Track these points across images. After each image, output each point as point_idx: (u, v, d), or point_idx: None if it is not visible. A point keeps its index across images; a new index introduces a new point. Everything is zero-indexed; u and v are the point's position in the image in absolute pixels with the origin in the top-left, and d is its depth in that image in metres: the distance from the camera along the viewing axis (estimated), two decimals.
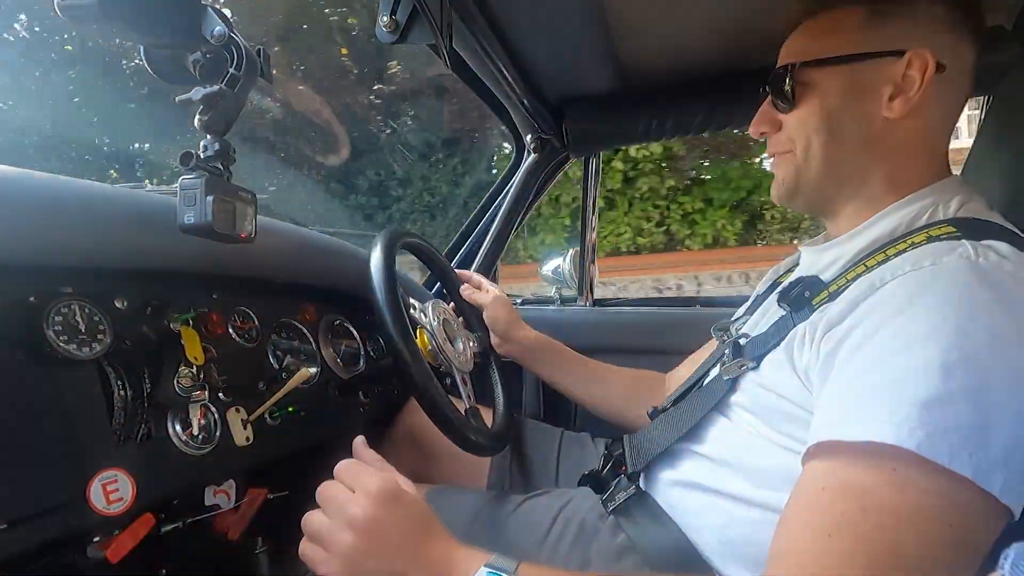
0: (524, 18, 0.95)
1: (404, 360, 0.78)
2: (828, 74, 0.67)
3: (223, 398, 0.76)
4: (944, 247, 0.53)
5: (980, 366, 0.46)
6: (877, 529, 0.45)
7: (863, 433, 0.47)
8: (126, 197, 0.70)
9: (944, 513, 0.44)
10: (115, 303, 0.66)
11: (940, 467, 0.44)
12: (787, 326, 0.64)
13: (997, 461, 0.44)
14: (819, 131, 0.68)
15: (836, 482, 0.48)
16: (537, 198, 1.59)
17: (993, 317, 0.47)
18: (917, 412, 0.45)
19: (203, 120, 0.59)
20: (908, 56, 0.62)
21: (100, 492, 0.58)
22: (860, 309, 0.54)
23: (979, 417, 0.45)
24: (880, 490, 0.46)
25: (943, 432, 0.44)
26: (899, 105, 0.63)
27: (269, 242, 0.90)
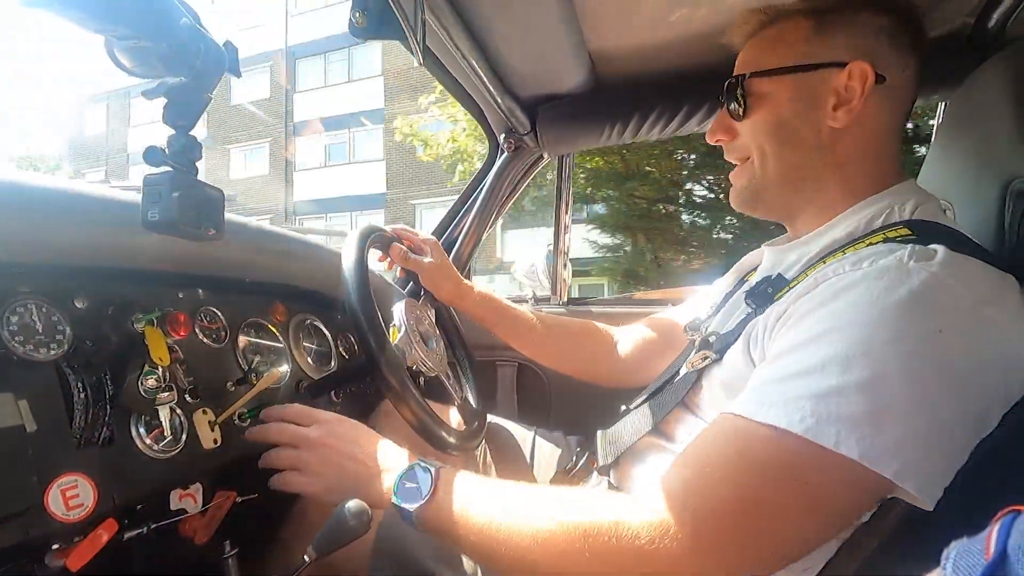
0: (497, 17, 0.95)
1: (377, 360, 0.77)
2: (777, 84, 0.70)
3: (190, 400, 0.74)
4: (886, 249, 0.56)
5: (878, 360, 0.49)
6: (744, 473, 0.51)
7: (763, 416, 0.51)
8: (87, 193, 0.68)
9: (812, 478, 0.49)
10: (75, 303, 0.64)
11: (826, 449, 0.48)
12: (749, 321, 0.66)
13: (889, 448, 0.47)
14: (771, 139, 0.71)
15: (730, 431, 0.55)
16: (512, 197, 1.59)
17: (901, 315, 0.50)
18: (812, 402, 0.49)
19: (167, 114, 0.57)
20: (849, 67, 0.65)
21: (59, 498, 0.56)
22: (799, 301, 0.58)
23: (870, 407, 0.48)
24: (762, 446, 0.51)
25: (833, 420, 0.48)
26: (842, 115, 0.66)
27: (237, 240, 0.88)
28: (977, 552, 0.23)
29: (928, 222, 0.61)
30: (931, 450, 0.48)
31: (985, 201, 0.70)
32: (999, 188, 0.67)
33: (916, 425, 0.48)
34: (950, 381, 0.48)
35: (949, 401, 0.48)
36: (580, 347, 1.12)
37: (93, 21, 0.49)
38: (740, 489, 0.51)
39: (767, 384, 0.54)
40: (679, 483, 0.54)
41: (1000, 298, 0.52)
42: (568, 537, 0.55)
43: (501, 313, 1.11)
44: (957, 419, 0.48)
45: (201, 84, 0.57)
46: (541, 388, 1.57)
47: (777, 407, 0.51)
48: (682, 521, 0.51)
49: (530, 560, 0.56)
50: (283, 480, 0.72)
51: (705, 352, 0.70)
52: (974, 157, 0.75)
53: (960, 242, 0.57)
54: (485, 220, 1.53)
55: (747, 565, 0.51)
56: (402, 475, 0.66)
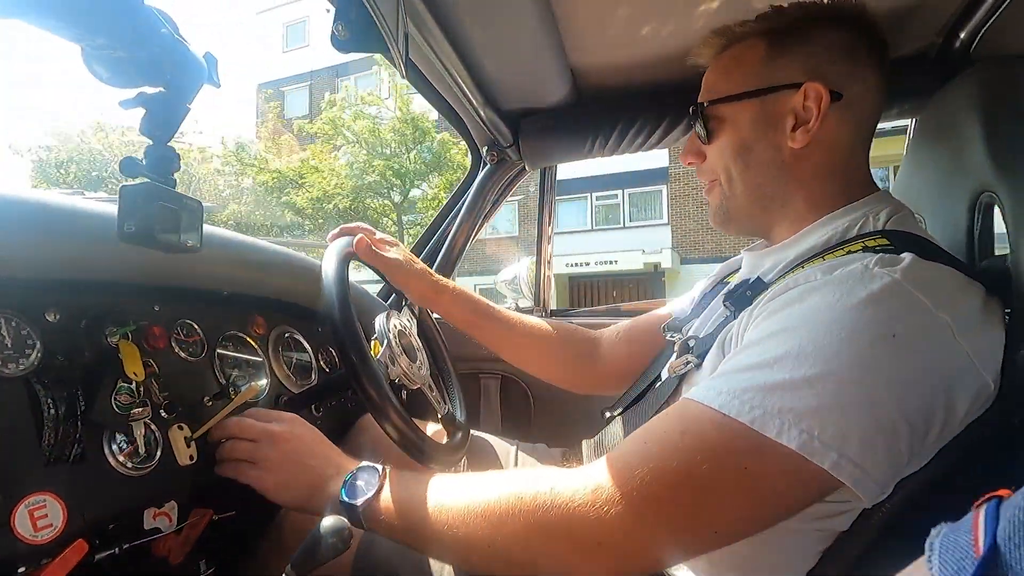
0: (480, 30, 0.95)
1: (357, 373, 0.76)
2: (736, 108, 0.72)
3: (165, 415, 0.72)
4: (858, 257, 0.57)
5: (829, 359, 0.50)
6: (685, 450, 0.52)
7: (713, 402, 0.53)
8: (60, 204, 0.66)
9: (751, 465, 0.50)
10: (46, 316, 0.63)
11: (765, 437, 0.49)
12: (727, 324, 0.66)
13: (831, 443, 0.48)
14: (734, 162, 0.73)
15: (680, 413, 0.56)
16: (495, 209, 1.60)
17: (856, 318, 0.51)
18: (761, 394, 0.51)
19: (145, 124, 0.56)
20: (804, 88, 0.67)
21: (26, 518, 0.55)
22: (771, 303, 0.59)
23: (815, 402, 0.49)
24: (707, 429, 0.53)
25: (777, 412, 0.50)
26: (800, 135, 0.68)
27: (215, 252, 0.87)
28: (964, 545, 0.23)
29: (903, 232, 0.62)
30: (871, 448, 0.49)
31: (955, 213, 0.72)
32: (968, 201, 0.69)
33: (858, 423, 0.49)
34: (897, 384, 0.50)
35: (893, 403, 0.49)
36: (560, 351, 1.09)
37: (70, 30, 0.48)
38: (679, 465, 0.52)
39: (723, 375, 0.56)
40: (617, 454, 0.56)
41: (959, 303, 0.53)
42: (506, 506, 0.57)
43: (479, 313, 1.05)
44: (900, 421, 0.49)
45: (180, 95, 0.56)
46: (524, 400, 1.56)
47: (727, 395, 0.53)
48: (617, 488, 0.52)
49: (473, 536, 0.58)
50: (237, 470, 0.73)
51: (687, 357, 0.70)
52: (944, 171, 0.77)
53: (931, 251, 0.58)
54: (467, 232, 1.53)
55: (677, 540, 0.53)
56: (350, 476, 0.68)
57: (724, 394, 0.53)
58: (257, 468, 0.72)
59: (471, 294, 1.06)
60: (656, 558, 0.55)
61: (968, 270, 0.58)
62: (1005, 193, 0.61)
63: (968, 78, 0.73)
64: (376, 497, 0.65)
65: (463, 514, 0.59)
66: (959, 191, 0.71)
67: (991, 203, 0.66)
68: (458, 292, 1.03)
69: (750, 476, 0.51)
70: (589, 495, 0.53)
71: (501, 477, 0.62)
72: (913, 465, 0.52)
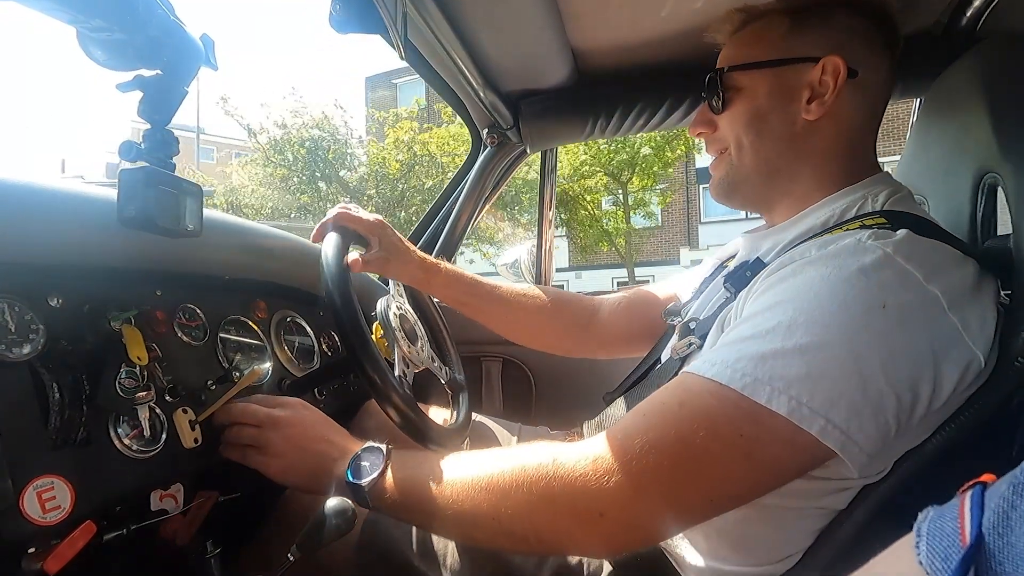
0: (479, 11, 0.94)
1: (359, 357, 0.77)
2: (754, 78, 0.72)
3: (169, 399, 0.73)
4: (852, 233, 0.58)
5: (820, 329, 0.52)
6: (683, 420, 0.54)
7: (708, 372, 0.54)
8: (61, 189, 0.66)
9: (745, 431, 0.52)
10: (49, 301, 0.63)
11: (758, 404, 0.51)
12: (728, 305, 0.67)
13: (819, 409, 0.50)
14: (748, 131, 0.73)
15: (678, 385, 0.58)
16: (496, 191, 1.59)
17: (848, 288, 0.53)
18: (753, 363, 0.52)
19: (143, 108, 0.56)
20: (822, 62, 0.68)
21: (35, 500, 0.55)
22: (767, 279, 0.60)
23: (805, 370, 0.51)
24: (703, 399, 0.54)
25: (768, 379, 0.51)
26: (816, 107, 0.69)
27: (216, 237, 0.87)
28: (951, 532, 0.23)
29: (901, 212, 0.62)
30: (857, 415, 0.50)
31: (958, 195, 0.72)
32: (972, 182, 0.69)
33: (845, 391, 0.50)
34: (885, 355, 0.51)
35: (880, 373, 0.50)
36: (557, 321, 1.09)
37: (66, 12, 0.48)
38: (677, 433, 0.53)
39: (719, 347, 0.58)
40: (619, 426, 0.57)
41: (950, 277, 0.54)
42: (509, 479, 0.58)
43: (471, 292, 1.03)
44: (888, 391, 0.50)
45: (177, 77, 0.56)
46: (526, 383, 1.57)
47: (721, 365, 0.54)
48: (617, 459, 0.54)
49: (477, 510, 0.59)
50: (242, 455, 0.73)
51: (690, 339, 0.70)
52: (948, 152, 0.77)
53: (927, 229, 0.59)
54: (469, 215, 1.52)
55: (676, 508, 0.54)
56: (355, 457, 0.68)
57: (718, 364, 0.54)
58: (262, 453, 0.73)
59: (464, 273, 1.04)
60: (655, 528, 0.56)
61: (963, 247, 0.59)
62: (1009, 174, 0.61)
63: (974, 57, 0.72)
64: (381, 477, 0.65)
65: (467, 489, 0.60)
66: (963, 172, 0.71)
67: (995, 184, 0.66)
68: (450, 272, 1.01)
69: (745, 441, 0.52)
70: (590, 466, 0.54)
71: (504, 452, 0.63)
72: (905, 440, 0.54)
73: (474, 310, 1.05)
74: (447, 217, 1.55)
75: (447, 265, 1.01)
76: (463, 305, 1.04)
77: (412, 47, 1.10)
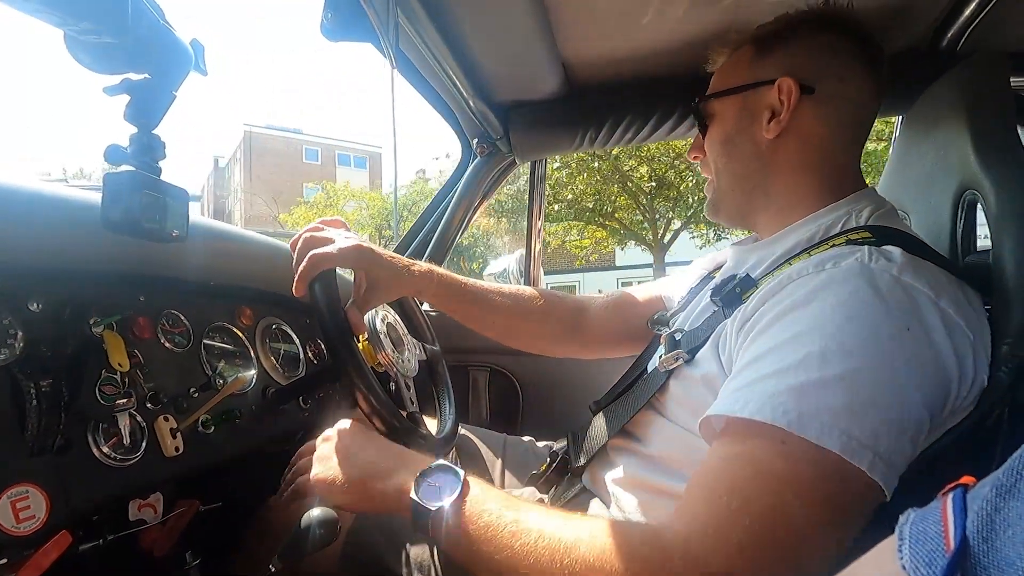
0: (470, 21, 0.95)
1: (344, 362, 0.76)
2: (724, 104, 0.77)
3: (150, 406, 0.72)
4: (847, 251, 0.59)
5: (854, 356, 0.51)
6: (763, 492, 0.50)
7: (749, 412, 0.52)
8: (43, 192, 0.65)
9: (816, 480, 0.49)
10: (28, 306, 0.62)
11: (810, 442, 0.49)
12: (718, 321, 0.68)
13: (865, 441, 0.48)
14: (720, 154, 0.78)
15: (733, 452, 0.54)
16: (484, 201, 1.59)
17: (872, 315, 0.53)
18: (794, 396, 0.50)
19: (130, 112, 0.56)
20: (777, 83, 0.71)
21: (8, 510, 0.54)
22: (767, 304, 0.60)
23: (848, 400, 0.49)
24: (767, 459, 0.51)
25: (814, 413, 0.49)
26: (773, 126, 0.72)
27: (202, 242, 0.86)
28: (934, 536, 0.23)
29: (885, 227, 0.64)
30: (900, 442, 0.50)
31: (939, 211, 0.73)
32: (952, 199, 0.70)
33: (889, 418, 0.49)
34: (919, 375, 0.51)
35: (918, 394, 0.50)
36: (544, 323, 1.07)
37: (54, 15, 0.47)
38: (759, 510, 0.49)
39: (748, 385, 0.54)
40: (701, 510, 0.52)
41: (951, 295, 0.55)
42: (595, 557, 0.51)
43: (456, 295, 0.99)
44: (923, 412, 0.51)
45: (166, 81, 0.56)
46: (513, 393, 1.57)
47: (758, 402, 0.52)
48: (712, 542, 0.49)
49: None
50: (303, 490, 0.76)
51: (677, 352, 0.70)
52: (929, 169, 0.78)
53: (912, 245, 0.60)
54: (457, 225, 1.52)
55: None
56: (424, 472, 0.60)
57: (754, 402, 0.52)
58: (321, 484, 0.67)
59: (449, 276, 0.99)
60: None
61: (946, 263, 0.60)
62: (988, 191, 0.62)
63: (955, 75, 0.74)
64: (456, 504, 0.57)
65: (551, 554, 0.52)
66: (944, 188, 0.72)
67: (974, 200, 0.67)
68: (433, 275, 0.96)
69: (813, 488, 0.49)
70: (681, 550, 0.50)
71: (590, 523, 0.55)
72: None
73: (464, 314, 1.03)
74: (436, 226, 1.55)
75: (439, 271, 0.99)
76: (455, 311, 1.02)
77: (403, 56, 1.11)
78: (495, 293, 1.05)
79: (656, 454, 0.71)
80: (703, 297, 0.77)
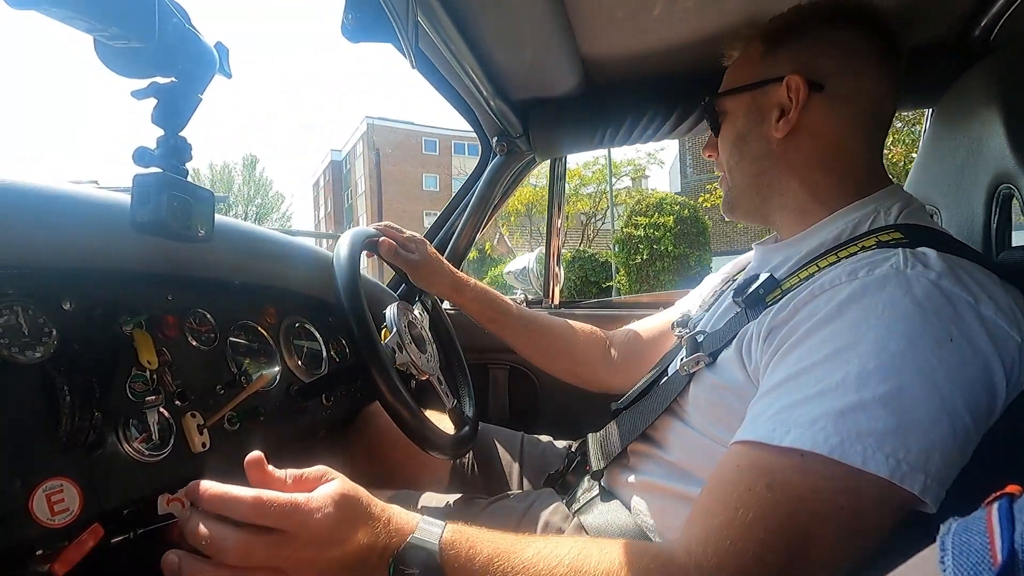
0: (489, 20, 0.95)
1: (366, 359, 0.77)
2: (735, 102, 0.76)
3: (178, 403, 0.73)
4: (880, 256, 0.56)
5: (896, 373, 0.48)
6: (778, 506, 0.48)
7: (786, 440, 0.49)
8: (75, 194, 0.67)
9: (844, 502, 0.47)
10: (62, 305, 0.63)
11: (854, 468, 0.46)
12: (740, 323, 0.66)
13: (917, 463, 0.46)
14: (732, 153, 0.77)
15: (751, 463, 0.52)
16: (504, 199, 1.60)
17: (911, 326, 0.50)
18: (833, 420, 0.48)
19: (157, 114, 0.57)
20: (785, 81, 0.69)
21: (44, 502, 0.56)
22: (799, 315, 0.57)
23: (894, 421, 0.47)
24: (788, 474, 0.49)
25: (856, 437, 0.47)
26: (782, 125, 0.70)
27: (228, 242, 0.87)
28: (979, 547, 0.22)
29: (916, 226, 0.61)
30: (951, 459, 0.47)
31: (972, 206, 0.71)
32: (986, 193, 0.68)
33: (939, 435, 0.47)
34: (965, 387, 0.48)
35: (965, 407, 0.48)
36: (575, 351, 1.11)
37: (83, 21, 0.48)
38: (776, 527, 0.48)
39: (784, 409, 0.52)
40: (710, 533, 0.51)
41: (991, 296, 0.52)
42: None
43: (497, 309, 1.10)
44: (971, 423, 0.48)
45: (192, 85, 0.57)
46: (532, 391, 1.57)
47: (799, 429, 0.49)
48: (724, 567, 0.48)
49: None
50: None
51: (698, 356, 0.69)
52: (961, 163, 0.76)
53: (948, 245, 0.57)
54: (477, 222, 1.53)
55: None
56: (395, 560, 0.51)
57: (795, 427, 0.49)
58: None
59: (491, 291, 1.11)
60: None
61: (984, 260, 0.57)
62: None
63: (987, 67, 0.72)
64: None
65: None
66: (977, 182, 0.70)
67: (1010, 195, 0.65)
68: (479, 289, 1.09)
69: (846, 515, 0.47)
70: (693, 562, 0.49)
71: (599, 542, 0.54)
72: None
73: (499, 327, 1.11)
74: (455, 226, 1.55)
75: (475, 281, 1.08)
76: (489, 321, 1.10)
77: (422, 55, 1.11)
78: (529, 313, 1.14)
79: (676, 461, 0.70)
80: (725, 298, 0.76)
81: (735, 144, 0.76)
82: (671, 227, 10.55)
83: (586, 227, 15.81)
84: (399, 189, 33.43)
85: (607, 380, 1.09)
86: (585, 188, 15.30)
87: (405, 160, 34.85)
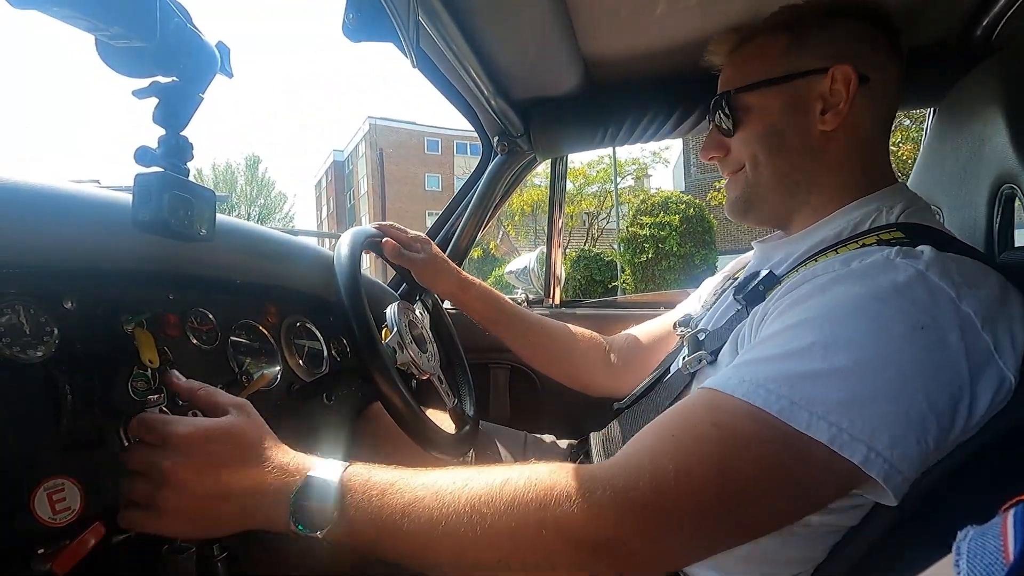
0: (491, 19, 0.95)
1: (366, 358, 0.77)
2: (765, 96, 0.72)
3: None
4: (875, 250, 0.57)
5: (859, 348, 0.50)
6: (717, 444, 0.50)
7: (740, 392, 0.51)
8: (77, 193, 0.67)
9: (783, 458, 0.49)
10: (63, 304, 0.64)
11: (797, 431, 0.48)
12: (740, 320, 0.66)
13: (861, 436, 0.47)
14: (763, 148, 0.73)
15: (704, 402, 0.54)
16: (505, 198, 1.60)
17: (885, 308, 0.51)
18: (788, 383, 0.50)
19: (158, 114, 0.57)
20: (831, 71, 0.67)
21: (45, 501, 0.56)
22: (789, 296, 0.58)
23: (847, 393, 0.48)
24: (737, 419, 0.50)
25: (807, 403, 0.49)
26: (831, 118, 0.68)
27: (228, 241, 0.88)
28: (993, 549, 0.23)
29: (918, 225, 0.61)
30: (902, 442, 0.48)
31: (974, 205, 0.71)
32: (988, 193, 0.68)
33: (887, 416, 0.48)
34: (926, 377, 0.49)
35: (922, 396, 0.49)
36: (576, 355, 1.11)
37: (85, 21, 0.48)
38: (717, 460, 0.49)
39: (748, 364, 0.54)
40: (643, 448, 0.52)
41: (981, 294, 0.52)
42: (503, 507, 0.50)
43: (500, 310, 1.10)
44: (929, 414, 0.49)
45: (193, 84, 0.57)
46: (534, 390, 1.57)
47: (752, 384, 0.51)
48: (647, 487, 0.49)
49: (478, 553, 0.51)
50: (128, 519, 0.57)
51: (700, 354, 0.70)
52: (964, 163, 0.76)
53: (948, 243, 0.58)
54: (479, 221, 1.53)
55: (711, 537, 0.51)
56: (296, 496, 0.54)
57: (748, 383, 0.51)
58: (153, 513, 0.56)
59: (494, 292, 1.11)
60: (683, 559, 0.53)
61: (986, 259, 0.57)
62: None
63: (990, 66, 0.72)
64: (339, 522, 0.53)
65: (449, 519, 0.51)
66: (979, 182, 0.70)
67: (1012, 195, 0.65)
68: (483, 290, 1.08)
69: (783, 469, 0.49)
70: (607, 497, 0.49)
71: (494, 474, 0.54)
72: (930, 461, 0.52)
73: (501, 328, 1.10)
74: (456, 225, 1.55)
75: (480, 281, 1.07)
76: (492, 323, 1.10)
77: (423, 55, 1.11)
78: (532, 315, 1.14)
79: None
80: (727, 297, 0.76)
81: (765, 139, 0.72)
82: (676, 226, 10.54)
83: (590, 227, 15.86)
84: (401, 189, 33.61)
85: (607, 385, 1.09)
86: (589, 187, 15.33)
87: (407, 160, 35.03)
